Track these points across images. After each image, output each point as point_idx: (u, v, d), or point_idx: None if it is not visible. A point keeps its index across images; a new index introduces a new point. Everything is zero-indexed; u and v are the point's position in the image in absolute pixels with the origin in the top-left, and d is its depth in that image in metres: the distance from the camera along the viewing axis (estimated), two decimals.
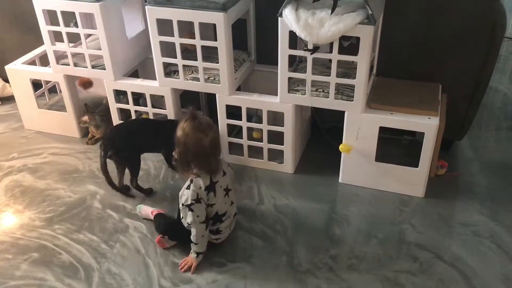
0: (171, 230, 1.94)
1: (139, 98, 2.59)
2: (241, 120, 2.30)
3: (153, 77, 2.37)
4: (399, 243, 1.96)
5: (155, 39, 2.21)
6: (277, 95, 2.19)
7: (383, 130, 2.10)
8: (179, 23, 2.13)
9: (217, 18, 2.06)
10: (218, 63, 2.19)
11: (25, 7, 2.70)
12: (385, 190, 2.23)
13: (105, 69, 2.42)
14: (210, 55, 2.25)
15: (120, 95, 2.56)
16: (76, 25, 2.37)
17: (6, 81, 2.96)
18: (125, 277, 1.84)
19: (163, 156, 2.39)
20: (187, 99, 2.50)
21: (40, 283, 1.82)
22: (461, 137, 2.45)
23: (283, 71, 2.10)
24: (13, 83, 2.69)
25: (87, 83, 2.77)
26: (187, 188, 1.79)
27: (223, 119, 2.33)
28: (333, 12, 1.88)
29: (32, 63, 2.69)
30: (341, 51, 1.96)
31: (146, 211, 2.10)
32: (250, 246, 1.97)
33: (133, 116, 2.52)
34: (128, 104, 2.49)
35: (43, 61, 2.69)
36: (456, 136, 2.43)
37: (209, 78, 2.26)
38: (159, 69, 2.30)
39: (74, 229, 2.07)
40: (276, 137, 2.30)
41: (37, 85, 2.74)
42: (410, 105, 2.09)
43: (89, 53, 2.41)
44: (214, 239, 1.92)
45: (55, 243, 2.00)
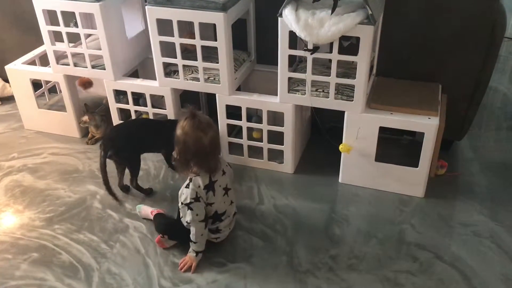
0: (171, 229, 1.95)
1: (139, 98, 2.59)
2: (241, 120, 2.30)
3: (153, 77, 2.37)
4: (399, 243, 1.96)
5: (155, 39, 2.21)
6: (277, 95, 2.19)
7: (383, 130, 2.10)
8: (179, 23, 2.13)
9: (217, 18, 2.06)
10: (218, 63, 2.19)
11: (25, 7, 2.70)
12: (385, 190, 2.23)
13: (105, 69, 2.42)
14: (210, 55, 2.25)
15: (120, 95, 2.55)
16: (76, 25, 2.37)
17: (6, 81, 2.96)
18: (125, 277, 1.84)
19: (163, 156, 2.39)
20: (187, 99, 2.50)
21: (40, 283, 1.82)
22: (461, 137, 2.45)
23: (283, 71, 2.10)
24: (13, 83, 2.69)
25: (87, 83, 2.77)
26: (186, 187, 1.80)
27: (223, 119, 2.33)
28: (333, 12, 1.88)
29: (32, 63, 2.69)
30: (341, 51, 1.96)
31: (145, 211, 2.10)
32: (250, 246, 1.97)
33: (133, 116, 2.52)
34: (128, 104, 2.49)
35: (43, 61, 2.69)
36: (456, 136, 2.43)
37: (209, 78, 2.26)
38: (159, 69, 2.30)
39: (74, 229, 2.07)
40: (276, 137, 2.30)
41: (37, 85, 2.74)
42: (410, 105, 2.09)
43: (89, 53, 2.41)
44: (213, 238, 1.92)
45: (55, 243, 2.00)
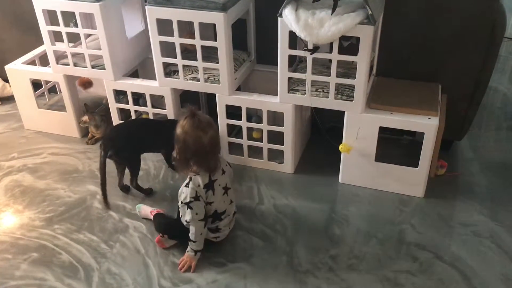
0: (171, 229, 1.95)
1: (139, 98, 2.59)
2: (241, 120, 2.30)
3: (153, 77, 2.37)
4: (399, 243, 1.96)
5: (155, 39, 2.21)
6: (277, 95, 2.19)
7: (383, 130, 2.10)
8: (179, 23, 2.13)
9: (217, 18, 2.06)
10: (218, 63, 2.19)
11: (25, 7, 2.70)
12: (385, 190, 2.23)
13: (105, 69, 2.42)
14: (210, 55, 2.25)
15: (120, 95, 2.55)
16: (76, 25, 2.37)
17: (6, 81, 2.96)
18: (125, 277, 1.84)
19: (163, 156, 2.39)
20: (187, 99, 2.49)
21: (40, 283, 1.82)
22: (461, 137, 2.45)
23: (283, 71, 2.10)
24: (13, 83, 2.68)
25: (87, 83, 2.77)
26: (186, 186, 1.80)
27: (223, 119, 2.33)
28: (333, 12, 1.88)
29: (32, 63, 2.69)
30: (341, 51, 1.96)
31: (145, 210, 2.10)
32: (250, 246, 1.97)
33: (133, 116, 2.52)
34: (128, 104, 2.49)
35: (43, 61, 2.69)
36: (456, 136, 2.43)
37: (209, 78, 2.26)
38: (159, 69, 2.30)
39: (74, 229, 2.07)
40: (276, 137, 2.30)
41: (37, 85, 2.74)
42: (410, 105, 2.09)
43: (89, 53, 2.41)
44: (213, 238, 1.92)
45: (55, 243, 2.00)
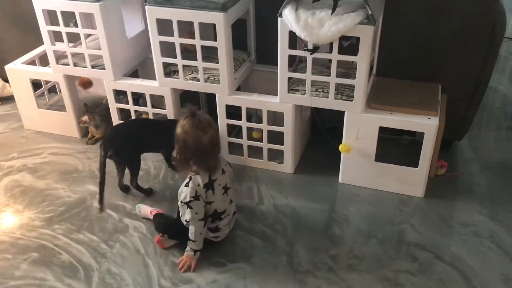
0: (170, 229, 1.95)
1: (139, 98, 2.59)
2: (241, 120, 2.30)
3: (153, 77, 2.37)
4: (398, 243, 1.96)
5: (155, 39, 2.21)
6: (277, 95, 2.19)
7: (383, 130, 2.10)
8: (179, 23, 2.13)
9: (217, 18, 2.06)
10: (218, 63, 2.19)
11: (25, 7, 2.70)
12: (385, 190, 2.23)
13: (105, 69, 2.42)
14: (210, 55, 2.25)
15: (120, 95, 2.55)
16: (75, 25, 2.37)
17: (6, 81, 2.96)
18: (125, 277, 1.84)
19: (163, 156, 2.39)
20: (187, 99, 2.49)
21: (40, 283, 1.82)
22: (461, 137, 2.45)
23: (283, 71, 2.10)
24: (13, 83, 2.68)
25: (87, 83, 2.77)
26: (186, 185, 1.80)
27: (223, 119, 2.33)
28: (333, 12, 1.88)
29: (32, 63, 2.69)
30: (341, 51, 1.96)
31: (145, 210, 2.10)
32: (250, 246, 1.97)
33: (133, 116, 2.52)
34: (128, 104, 2.49)
35: (43, 61, 2.69)
36: (456, 136, 2.43)
37: (209, 78, 2.26)
38: (159, 69, 2.30)
39: (74, 229, 2.07)
40: (276, 137, 2.30)
41: (36, 85, 2.74)
42: (410, 105, 2.09)
43: (89, 53, 2.41)
44: (213, 237, 1.92)
45: (54, 243, 2.00)
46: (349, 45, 2.01)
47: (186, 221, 1.82)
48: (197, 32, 2.11)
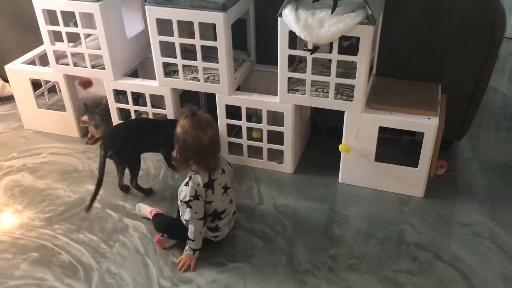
0: (170, 228, 1.95)
1: (138, 98, 2.59)
2: (240, 120, 2.30)
3: (153, 77, 2.37)
4: (398, 243, 1.96)
5: (155, 39, 2.20)
6: (276, 95, 2.19)
7: (382, 130, 2.10)
8: (179, 23, 2.13)
9: (217, 18, 2.06)
10: (218, 63, 2.19)
11: (25, 7, 2.70)
12: (385, 190, 2.23)
13: (104, 69, 2.42)
14: (210, 55, 2.25)
15: (119, 95, 2.55)
16: (75, 25, 2.37)
17: (5, 80, 2.96)
18: (125, 277, 1.83)
19: (163, 156, 2.39)
20: (186, 99, 2.49)
21: (39, 283, 1.82)
22: (460, 137, 2.45)
23: (282, 71, 2.10)
24: (13, 83, 2.68)
25: (86, 83, 2.77)
26: (186, 184, 1.80)
27: (222, 119, 2.33)
28: (333, 12, 1.88)
29: (31, 63, 2.69)
30: (341, 51, 1.96)
31: (145, 210, 2.10)
32: (250, 246, 1.97)
33: (133, 116, 2.52)
34: (127, 104, 2.49)
35: (43, 61, 2.69)
36: (455, 136, 2.43)
37: (208, 78, 2.26)
38: (158, 69, 2.30)
39: (73, 229, 2.07)
40: (275, 137, 2.30)
41: (36, 84, 2.74)
42: (409, 105, 2.09)
43: (88, 53, 2.41)
44: (213, 237, 1.92)
45: (54, 243, 2.00)
46: (349, 45, 2.01)
47: (185, 220, 1.82)
48: (197, 32, 2.11)
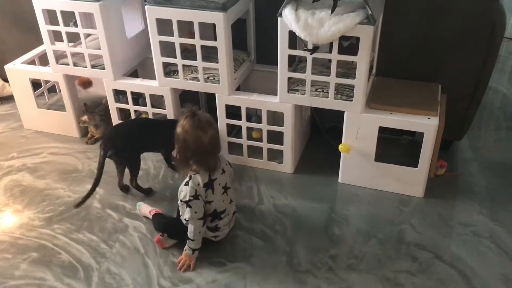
0: (170, 228, 1.95)
1: (138, 98, 2.59)
2: (240, 120, 2.30)
3: (153, 77, 2.37)
4: (398, 243, 1.96)
5: (155, 39, 2.20)
6: (276, 95, 2.19)
7: (382, 130, 2.10)
8: (179, 23, 2.13)
9: (217, 18, 2.06)
10: (217, 63, 2.19)
11: (25, 6, 2.70)
12: (385, 190, 2.23)
13: (104, 69, 2.42)
14: (209, 55, 2.25)
15: (119, 95, 2.55)
16: (75, 25, 2.37)
17: (5, 80, 2.96)
18: (125, 277, 1.83)
19: (163, 156, 2.39)
20: (186, 99, 2.49)
21: (39, 282, 1.82)
22: (460, 137, 2.45)
23: (282, 71, 2.10)
24: (13, 83, 2.68)
25: (86, 83, 2.77)
26: (186, 184, 1.80)
27: (222, 119, 2.33)
28: (333, 12, 1.88)
29: (31, 62, 2.69)
30: (341, 51, 1.96)
31: (145, 210, 2.10)
32: (249, 246, 1.97)
33: (133, 116, 2.52)
34: (127, 104, 2.49)
35: (43, 60, 2.69)
36: (455, 136, 2.43)
37: (208, 78, 2.26)
38: (158, 69, 2.30)
39: (73, 228, 2.07)
40: (275, 137, 2.30)
41: (36, 84, 2.74)
42: (409, 105, 2.09)
43: (88, 52, 2.41)
44: (212, 237, 1.92)
45: (54, 242, 2.00)
46: (349, 45, 2.01)
47: (185, 220, 1.82)
48: (197, 32, 2.11)
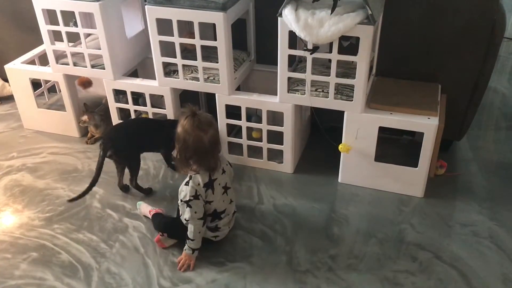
0: (170, 228, 1.95)
1: (138, 97, 2.59)
2: (240, 120, 2.30)
3: (153, 77, 2.37)
4: (398, 243, 1.96)
5: (155, 39, 2.20)
6: (276, 95, 2.19)
7: (382, 130, 2.10)
8: (179, 22, 2.13)
9: (217, 17, 2.06)
10: (217, 63, 2.19)
11: (25, 6, 2.70)
12: (385, 190, 2.23)
13: (104, 69, 2.42)
14: (209, 55, 2.25)
15: (119, 95, 2.55)
16: (75, 25, 2.37)
17: (5, 80, 2.96)
18: (125, 277, 1.84)
19: (162, 156, 2.39)
20: (186, 99, 2.49)
21: (39, 282, 1.82)
22: (460, 137, 2.45)
23: (282, 71, 2.10)
24: (13, 83, 2.68)
25: (86, 83, 2.77)
26: (186, 184, 1.81)
27: (222, 119, 2.33)
28: (333, 12, 1.88)
29: (31, 62, 2.69)
30: (341, 51, 1.96)
31: (145, 209, 2.10)
32: (249, 245, 1.97)
33: (133, 115, 2.52)
34: (127, 103, 2.49)
35: (43, 60, 2.69)
36: (455, 136, 2.43)
37: (208, 78, 2.26)
38: (158, 69, 2.30)
39: (73, 228, 2.07)
40: (275, 137, 2.30)
41: (36, 84, 2.74)
42: (409, 105, 2.09)
43: (88, 52, 2.41)
44: (212, 237, 1.92)
45: (54, 242, 2.00)
46: (349, 45, 2.01)
47: (185, 220, 1.82)
48: (196, 31, 2.11)
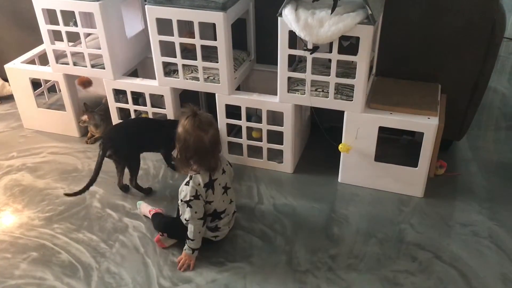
0: (170, 227, 1.95)
1: (138, 97, 2.59)
2: (240, 119, 2.30)
3: (153, 77, 2.37)
4: (398, 243, 1.96)
5: (155, 39, 2.20)
6: (276, 94, 2.19)
7: (382, 130, 2.10)
8: (179, 22, 2.13)
9: (217, 17, 2.06)
10: (217, 62, 2.19)
11: (25, 6, 2.70)
12: (385, 190, 2.23)
13: (104, 69, 2.42)
14: (209, 54, 2.25)
15: (119, 95, 2.55)
16: (75, 24, 2.37)
17: (5, 80, 2.96)
18: (124, 277, 1.84)
19: (162, 155, 2.39)
20: (186, 99, 2.49)
21: (39, 282, 1.82)
22: (460, 137, 2.45)
23: (282, 71, 2.10)
24: (13, 82, 2.68)
25: (86, 82, 2.77)
26: (186, 184, 1.81)
27: (222, 118, 2.33)
28: (333, 12, 1.88)
29: (31, 62, 2.69)
30: (341, 51, 1.96)
31: (144, 209, 2.10)
32: (249, 245, 1.97)
33: (133, 115, 2.52)
34: (127, 103, 2.49)
35: (43, 60, 2.69)
36: (455, 136, 2.43)
37: (208, 77, 2.26)
38: (158, 69, 2.30)
39: (73, 228, 2.07)
40: (275, 137, 2.30)
41: (36, 84, 2.74)
42: (409, 105, 2.09)
43: (88, 52, 2.41)
44: (212, 237, 1.92)
45: (54, 242, 2.00)
46: (349, 45, 2.01)
47: (185, 220, 1.82)
48: (196, 31, 2.11)
